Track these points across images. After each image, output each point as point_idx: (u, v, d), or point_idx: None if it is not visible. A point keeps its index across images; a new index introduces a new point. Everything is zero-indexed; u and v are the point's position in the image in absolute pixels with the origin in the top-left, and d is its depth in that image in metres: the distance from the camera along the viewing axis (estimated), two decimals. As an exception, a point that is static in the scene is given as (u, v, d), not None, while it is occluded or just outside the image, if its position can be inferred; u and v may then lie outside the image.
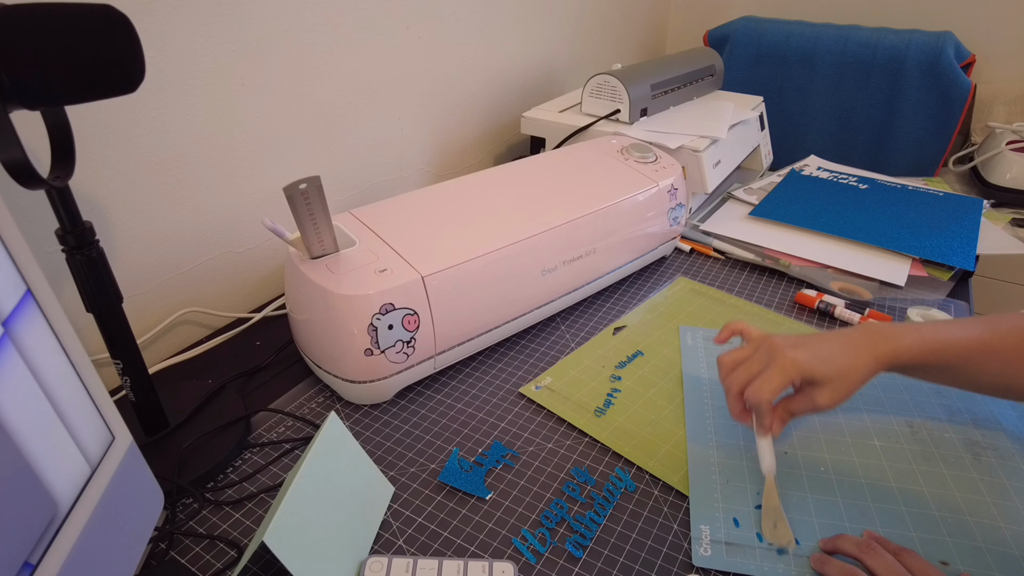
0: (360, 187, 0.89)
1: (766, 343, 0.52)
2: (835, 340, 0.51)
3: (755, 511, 0.50)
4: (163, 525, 0.49)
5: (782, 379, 0.49)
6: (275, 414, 0.60)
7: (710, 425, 0.58)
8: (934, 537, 0.48)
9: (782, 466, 0.53)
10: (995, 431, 0.57)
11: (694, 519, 0.49)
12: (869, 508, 0.50)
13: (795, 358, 0.49)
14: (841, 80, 1.27)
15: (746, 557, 0.46)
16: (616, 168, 0.78)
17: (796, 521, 0.49)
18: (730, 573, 0.45)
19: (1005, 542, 0.47)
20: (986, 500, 0.51)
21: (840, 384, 0.48)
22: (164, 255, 0.68)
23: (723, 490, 0.51)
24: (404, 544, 0.47)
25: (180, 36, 0.62)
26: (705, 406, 0.60)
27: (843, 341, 0.50)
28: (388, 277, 0.56)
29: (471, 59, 1.00)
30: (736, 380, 0.51)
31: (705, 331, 0.71)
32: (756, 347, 0.52)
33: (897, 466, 0.54)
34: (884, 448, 0.56)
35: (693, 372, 0.65)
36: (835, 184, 1.03)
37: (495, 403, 0.61)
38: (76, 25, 0.36)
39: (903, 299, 0.77)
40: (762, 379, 0.49)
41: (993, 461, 0.54)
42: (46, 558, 0.29)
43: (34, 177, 0.37)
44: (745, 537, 0.48)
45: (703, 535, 0.48)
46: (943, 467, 0.54)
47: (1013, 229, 0.93)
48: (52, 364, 0.31)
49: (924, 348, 0.50)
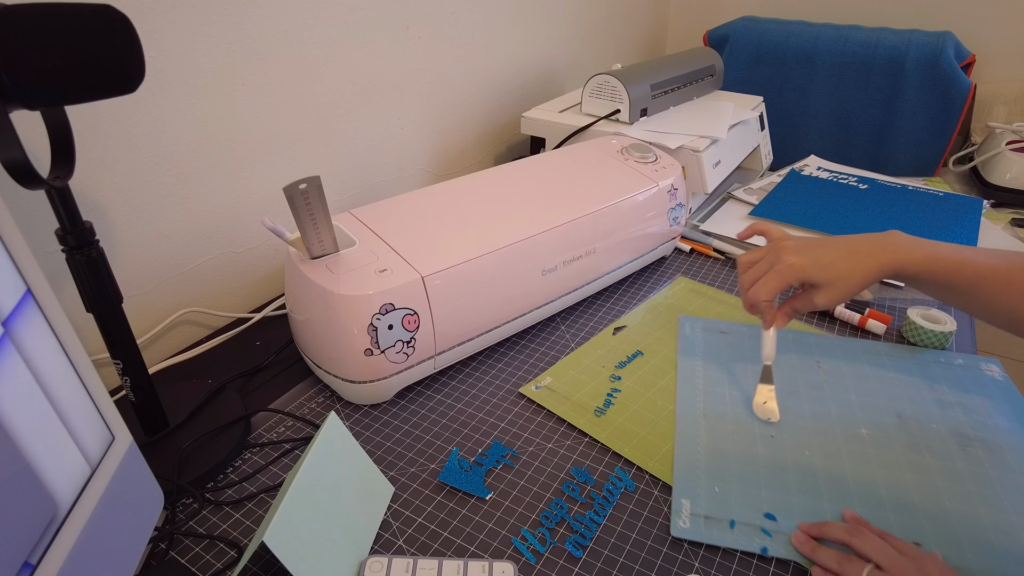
0: (360, 187, 0.89)
1: (775, 248, 0.57)
2: (840, 246, 0.55)
3: (738, 488, 0.51)
4: (163, 525, 0.49)
5: (778, 282, 0.55)
6: (275, 414, 0.60)
7: (699, 407, 0.60)
8: (911, 521, 0.49)
9: (768, 449, 0.55)
10: (986, 424, 0.58)
11: (676, 492, 0.50)
12: (850, 491, 0.51)
13: (793, 263, 0.54)
14: (841, 80, 1.27)
15: (724, 531, 0.47)
16: (616, 168, 0.78)
17: (777, 500, 0.50)
18: (705, 546, 0.46)
19: (982, 527, 0.48)
20: (968, 488, 0.51)
21: (838, 287, 0.54)
22: (164, 255, 0.68)
23: (707, 467, 0.53)
24: (404, 544, 0.47)
25: (180, 36, 0.62)
26: (697, 389, 0.62)
27: (848, 247, 0.55)
28: (388, 277, 0.56)
29: (471, 59, 1.00)
30: (746, 279, 0.58)
31: (705, 322, 0.72)
32: (768, 249, 0.58)
33: (882, 453, 0.55)
34: (871, 436, 0.57)
35: (688, 357, 0.66)
36: (835, 184, 1.03)
37: (495, 403, 0.61)
38: (76, 25, 0.36)
39: (903, 299, 0.77)
40: (762, 281, 0.56)
41: (980, 453, 0.55)
42: (46, 558, 0.29)
43: (34, 177, 0.37)
44: (724, 512, 0.49)
45: (684, 508, 0.49)
46: (928, 456, 0.55)
47: (1013, 229, 0.93)
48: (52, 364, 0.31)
49: (935, 265, 0.52)
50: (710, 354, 0.67)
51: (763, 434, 0.56)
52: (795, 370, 0.64)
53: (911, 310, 0.71)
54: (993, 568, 0.45)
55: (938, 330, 0.68)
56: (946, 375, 0.64)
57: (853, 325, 0.73)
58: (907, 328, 0.70)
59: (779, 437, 0.56)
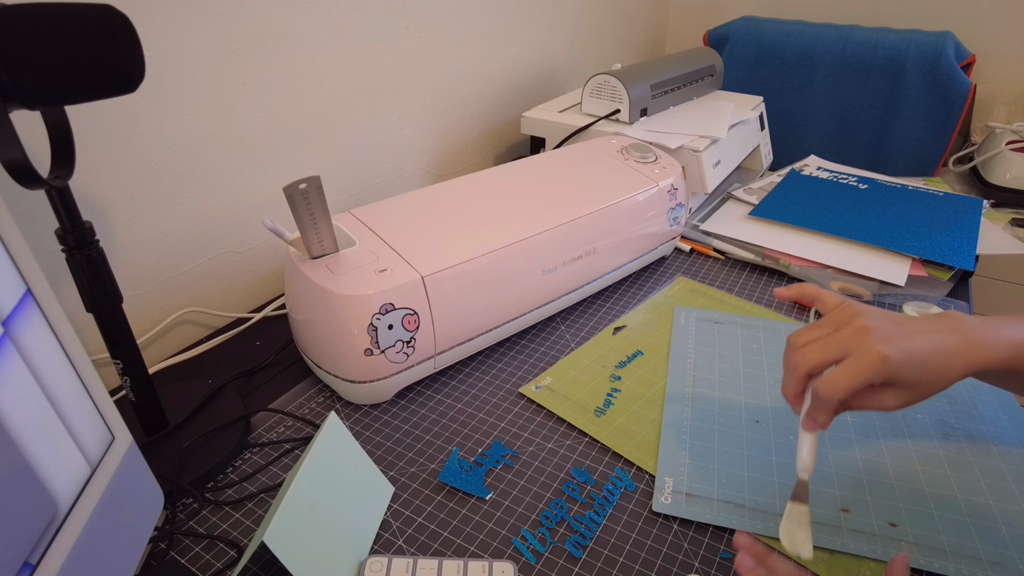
0: (360, 187, 0.89)
1: (851, 322, 0.43)
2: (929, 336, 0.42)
3: (720, 469, 0.52)
4: (163, 525, 0.49)
5: (863, 377, 0.40)
6: (275, 414, 0.60)
7: (688, 391, 0.61)
8: (887, 502, 0.50)
9: (753, 433, 0.56)
10: (970, 414, 0.59)
11: (660, 470, 0.52)
12: (831, 473, 0.53)
13: (886, 355, 0.40)
14: (841, 80, 1.27)
15: (703, 507, 0.49)
16: (616, 168, 0.78)
17: (759, 481, 0.52)
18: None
19: (959, 511, 0.49)
20: (947, 473, 0.53)
21: (920, 391, 0.42)
22: (164, 255, 0.68)
23: (691, 448, 0.55)
24: (404, 544, 0.47)
25: (180, 36, 0.62)
26: (686, 374, 0.63)
27: (937, 342, 0.42)
28: (388, 277, 0.56)
29: (471, 59, 1.00)
30: (807, 360, 0.43)
31: (699, 312, 0.73)
32: (837, 323, 0.44)
33: (864, 440, 0.56)
34: (855, 424, 0.58)
35: (681, 343, 0.68)
36: (835, 184, 1.03)
37: (495, 403, 0.61)
38: (76, 25, 0.36)
39: (903, 299, 0.77)
40: (840, 372, 0.41)
41: (963, 441, 0.56)
42: (46, 558, 0.29)
43: (34, 177, 0.37)
44: (706, 490, 0.51)
45: (666, 485, 0.51)
46: (910, 443, 0.56)
47: (1013, 229, 0.93)
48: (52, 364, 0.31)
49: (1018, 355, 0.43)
50: (702, 341, 0.68)
51: (749, 419, 0.58)
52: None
53: (906, 305, 0.71)
54: (965, 547, 0.46)
55: None
56: None
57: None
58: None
59: (764, 422, 0.58)
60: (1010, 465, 0.53)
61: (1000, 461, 0.54)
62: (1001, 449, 0.55)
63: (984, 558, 0.45)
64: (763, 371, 0.64)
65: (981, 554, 0.46)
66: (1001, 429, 0.57)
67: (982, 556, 0.46)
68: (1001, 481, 0.52)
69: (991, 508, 0.49)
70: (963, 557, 0.45)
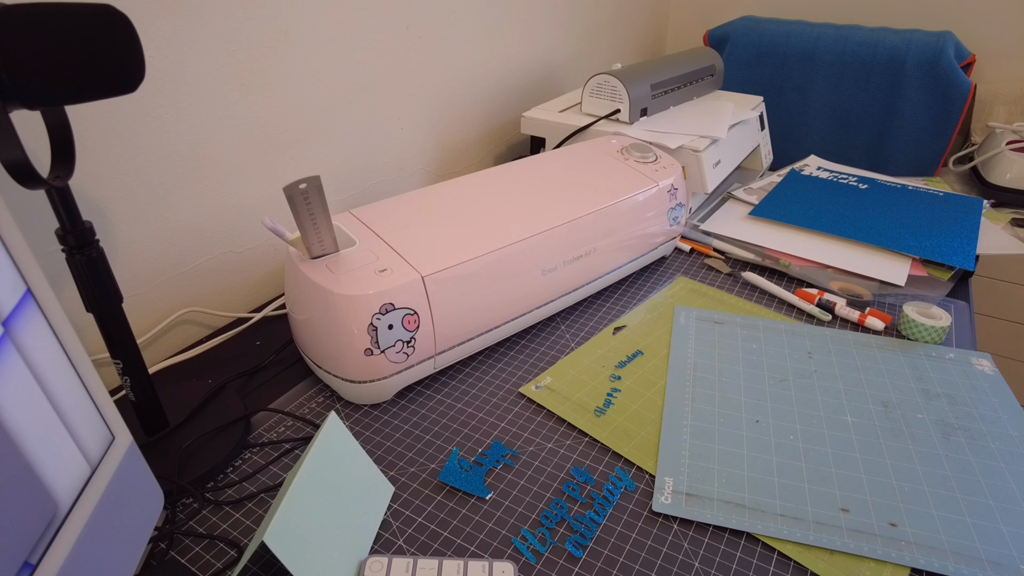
0: (360, 187, 0.89)
1: None
2: None
3: (720, 469, 0.52)
4: (163, 525, 0.49)
5: None
6: (275, 414, 0.60)
7: (688, 391, 0.61)
8: (887, 502, 0.50)
9: (753, 433, 0.56)
10: (970, 414, 0.59)
11: (660, 470, 0.52)
12: (831, 473, 0.53)
13: None
14: (841, 80, 1.27)
15: (703, 507, 0.49)
16: (616, 168, 0.78)
17: (759, 480, 0.52)
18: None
19: (959, 510, 0.49)
20: (947, 473, 0.53)
21: None
22: (164, 255, 0.68)
23: (691, 448, 0.55)
24: (404, 544, 0.47)
25: (180, 36, 0.62)
26: (687, 373, 0.63)
27: None
28: (388, 277, 0.56)
29: (471, 59, 1.00)
30: None
31: (699, 312, 0.73)
32: None
33: (864, 439, 0.56)
34: (855, 423, 0.58)
35: (681, 343, 0.68)
36: (835, 184, 1.03)
37: (495, 403, 0.61)
38: (76, 25, 0.36)
39: (903, 299, 0.77)
40: None
41: (962, 440, 0.56)
42: (46, 558, 0.29)
43: (34, 177, 0.37)
44: (706, 490, 0.51)
45: (666, 485, 0.51)
46: (910, 443, 0.56)
47: (1013, 229, 0.93)
48: (52, 364, 0.31)
49: None
50: (702, 341, 0.68)
51: (749, 419, 0.58)
52: (785, 359, 0.66)
53: (907, 305, 0.71)
54: (965, 547, 0.46)
55: (933, 325, 0.68)
56: (936, 368, 0.65)
57: (853, 322, 0.73)
58: (903, 323, 0.70)
59: (764, 422, 0.58)
60: (1010, 465, 0.53)
61: (1000, 461, 0.54)
62: (1001, 449, 0.55)
63: (984, 558, 0.45)
64: (763, 371, 0.64)
65: (981, 554, 0.46)
66: (1001, 429, 0.57)
67: (982, 556, 0.46)
68: (1001, 481, 0.52)
69: (991, 508, 0.49)
70: (963, 557, 0.45)
